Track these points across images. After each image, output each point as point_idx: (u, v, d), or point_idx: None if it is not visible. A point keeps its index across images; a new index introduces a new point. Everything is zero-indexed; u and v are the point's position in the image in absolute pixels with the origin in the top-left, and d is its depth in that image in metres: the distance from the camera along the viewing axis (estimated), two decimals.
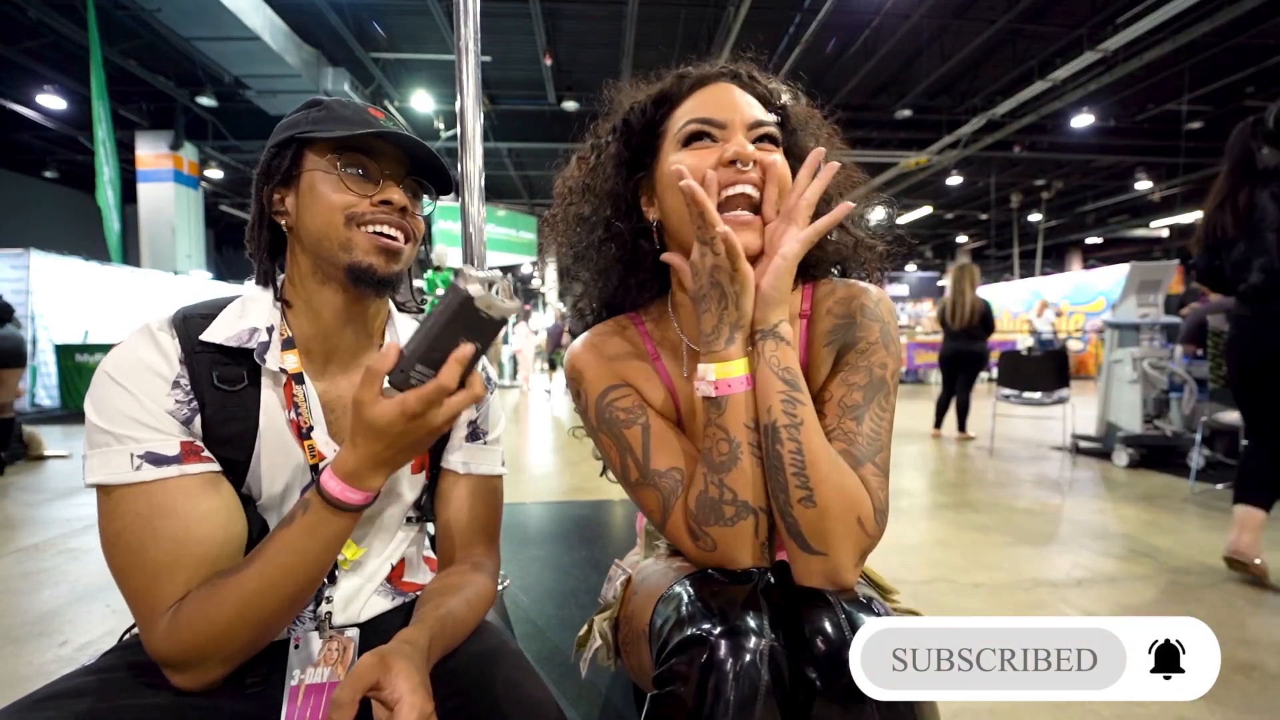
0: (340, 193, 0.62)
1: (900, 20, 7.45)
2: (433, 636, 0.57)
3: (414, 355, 0.52)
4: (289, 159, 0.64)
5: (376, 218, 0.63)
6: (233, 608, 0.53)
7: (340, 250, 0.62)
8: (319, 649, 0.62)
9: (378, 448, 0.53)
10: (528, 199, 15.28)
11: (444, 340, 0.51)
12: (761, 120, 0.64)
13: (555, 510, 2.61)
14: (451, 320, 0.51)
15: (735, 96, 0.65)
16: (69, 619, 1.74)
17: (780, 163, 0.64)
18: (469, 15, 1.45)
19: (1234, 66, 8.64)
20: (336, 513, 0.55)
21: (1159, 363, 3.62)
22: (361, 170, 0.64)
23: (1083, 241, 19.19)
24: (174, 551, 0.54)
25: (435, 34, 7.62)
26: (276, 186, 0.64)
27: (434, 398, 0.51)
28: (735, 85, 0.67)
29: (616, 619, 0.73)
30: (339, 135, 0.61)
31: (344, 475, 0.54)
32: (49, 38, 7.16)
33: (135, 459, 0.54)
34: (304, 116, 0.65)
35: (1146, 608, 1.75)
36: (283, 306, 0.66)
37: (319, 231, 0.62)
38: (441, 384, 0.51)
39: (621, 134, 0.70)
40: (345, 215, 0.62)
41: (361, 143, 0.63)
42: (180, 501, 0.54)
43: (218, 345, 0.60)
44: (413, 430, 0.53)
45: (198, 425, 0.59)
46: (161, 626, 0.53)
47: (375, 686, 0.49)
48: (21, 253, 6.55)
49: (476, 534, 0.74)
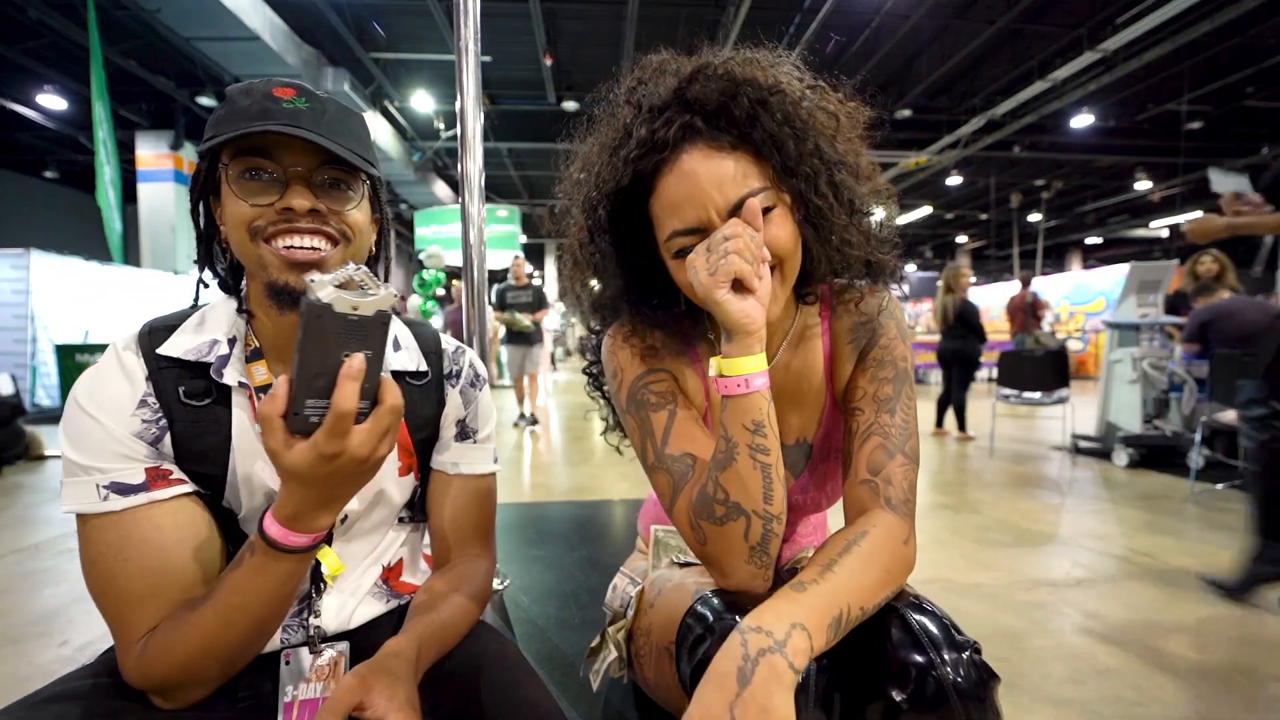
0: (240, 204, 0.55)
1: (900, 20, 7.45)
2: (421, 644, 0.57)
3: (299, 393, 0.45)
4: (205, 169, 0.59)
5: (278, 229, 0.55)
6: (194, 644, 0.52)
7: (257, 269, 0.57)
8: (309, 664, 0.62)
9: (312, 492, 0.49)
10: (528, 199, 15.28)
11: (322, 363, 0.45)
12: (744, 195, 0.56)
13: (556, 510, 2.61)
14: (318, 339, 0.44)
15: (706, 172, 0.57)
16: (69, 619, 1.74)
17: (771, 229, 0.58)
18: (469, 15, 1.45)
19: (1234, 66, 8.63)
20: (282, 555, 0.51)
21: (1159, 363, 3.62)
22: (261, 173, 0.55)
23: (1083, 241, 19.19)
24: (144, 581, 0.53)
25: (435, 34, 7.63)
26: (201, 198, 0.61)
27: (342, 427, 0.45)
28: (702, 147, 0.58)
29: (630, 631, 0.73)
30: (222, 139, 0.54)
31: (284, 520, 0.50)
32: (49, 38, 7.16)
33: (101, 489, 0.53)
34: (214, 116, 0.58)
35: (1146, 608, 1.75)
36: (248, 315, 0.63)
37: (237, 249, 0.58)
38: (340, 411, 0.45)
39: (604, 232, 0.65)
40: (249, 230, 0.55)
41: (256, 141, 0.55)
42: (149, 530, 0.53)
43: (182, 360, 0.58)
44: (342, 468, 0.47)
45: (168, 443, 0.57)
46: (133, 655, 0.53)
47: (359, 707, 0.48)
48: (22, 253, 6.54)
49: (470, 533, 0.73)
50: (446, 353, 0.76)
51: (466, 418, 0.75)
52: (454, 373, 0.75)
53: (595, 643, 0.76)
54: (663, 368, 0.69)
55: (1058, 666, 1.44)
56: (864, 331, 0.69)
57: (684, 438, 0.64)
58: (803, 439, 0.73)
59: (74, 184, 12.38)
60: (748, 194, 0.57)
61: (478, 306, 1.56)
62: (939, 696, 0.47)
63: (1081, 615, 1.71)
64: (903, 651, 0.49)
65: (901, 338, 0.67)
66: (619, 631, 0.73)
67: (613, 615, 0.79)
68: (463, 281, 1.56)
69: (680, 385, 0.69)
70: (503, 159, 12.13)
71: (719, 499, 0.57)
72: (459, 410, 0.74)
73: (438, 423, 0.73)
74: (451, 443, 0.74)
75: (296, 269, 0.56)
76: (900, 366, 0.66)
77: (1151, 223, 15.53)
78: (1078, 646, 1.54)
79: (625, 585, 0.79)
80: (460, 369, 0.76)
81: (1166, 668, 1.43)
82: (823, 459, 0.74)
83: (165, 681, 0.53)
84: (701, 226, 0.58)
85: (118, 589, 0.53)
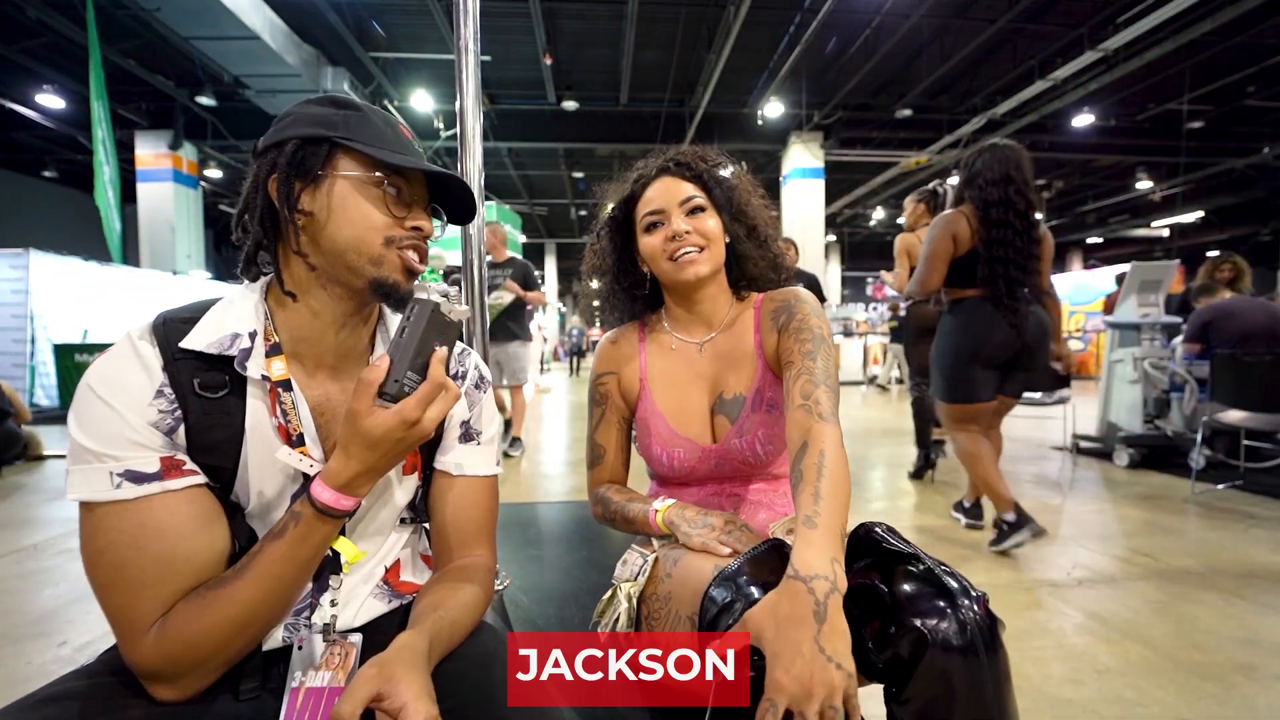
0: (382, 213, 0.63)
1: (900, 20, 7.44)
2: (432, 639, 0.57)
3: (402, 364, 0.56)
4: (321, 159, 0.62)
5: (409, 243, 0.64)
6: (228, 618, 0.53)
7: (370, 264, 0.62)
8: (321, 652, 0.62)
9: (373, 456, 0.56)
10: (528, 199, 15.28)
11: (423, 347, 0.57)
12: (690, 196, 0.92)
13: (556, 510, 2.60)
14: (425, 328, 0.56)
15: (669, 187, 0.92)
16: (69, 619, 1.74)
17: (702, 221, 0.91)
18: (469, 15, 1.45)
19: (1235, 66, 8.63)
20: (326, 520, 0.57)
21: (1160, 362, 3.62)
22: (397, 191, 0.64)
23: (1083, 241, 19.19)
24: (157, 568, 0.53)
25: (435, 33, 7.62)
26: (303, 183, 0.62)
27: (431, 395, 0.56)
28: (669, 177, 0.93)
29: (643, 594, 0.82)
30: (396, 162, 0.62)
31: (338, 485, 0.56)
32: (48, 37, 7.16)
33: (115, 477, 0.53)
34: (337, 117, 0.63)
35: (1146, 608, 1.75)
36: (269, 309, 0.64)
37: (347, 243, 0.62)
38: (436, 381, 0.56)
39: (609, 228, 1.02)
40: (385, 237, 0.63)
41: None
42: (163, 518, 0.54)
43: (198, 352, 0.59)
44: (408, 435, 0.56)
45: (181, 434, 0.57)
46: (148, 641, 0.52)
47: (377, 697, 0.48)
48: (21, 252, 6.54)
49: (472, 535, 0.73)
50: (452, 354, 0.76)
51: (470, 419, 0.75)
52: (459, 374, 0.76)
53: (607, 596, 0.87)
54: (612, 370, 1.01)
55: (1058, 666, 1.44)
56: (781, 309, 0.92)
57: (603, 433, 1.02)
58: (739, 394, 0.93)
59: (73, 184, 12.38)
60: (690, 196, 0.92)
61: (478, 307, 1.55)
62: (961, 633, 0.57)
63: (1081, 615, 1.71)
64: (929, 594, 0.59)
65: (815, 316, 0.89)
66: (634, 587, 0.83)
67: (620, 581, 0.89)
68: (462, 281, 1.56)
69: (620, 383, 1.01)
70: (503, 159, 12.12)
71: (608, 518, 0.96)
72: (463, 412, 0.75)
73: (442, 424, 0.73)
74: (455, 444, 0.74)
75: (408, 275, 0.65)
76: (816, 333, 0.86)
77: (1153, 222, 15.53)
78: (1078, 646, 1.54)
79: (636, 558, 0.88)
80: (465, 371, 0.76)
81: (1166, 668, 1.43)
82: (754, 409, 0.91)
83: (185, 663, 0.53)
84: (663, 210, 0.92)
85: (128, 578, 0.53)
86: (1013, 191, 2.12)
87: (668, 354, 0.99)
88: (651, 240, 0.93)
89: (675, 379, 0.97)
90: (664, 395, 0.96)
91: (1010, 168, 2.14)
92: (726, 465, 0.93)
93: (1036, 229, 2.17)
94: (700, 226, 0.91)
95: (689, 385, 0.96)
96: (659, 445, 0.94)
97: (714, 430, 0.94)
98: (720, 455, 0.92)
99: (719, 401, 0.94)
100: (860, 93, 9.72)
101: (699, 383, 0.96)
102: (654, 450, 0.95)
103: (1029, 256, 2.15)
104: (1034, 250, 2.17)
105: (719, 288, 0.97)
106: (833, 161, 10.46)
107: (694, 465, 0.93)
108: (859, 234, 19.19)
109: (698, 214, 0.92)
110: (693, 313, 0.97)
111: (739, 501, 0.94)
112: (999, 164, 2.15)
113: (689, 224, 0.90)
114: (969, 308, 2.23)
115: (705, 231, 0.91)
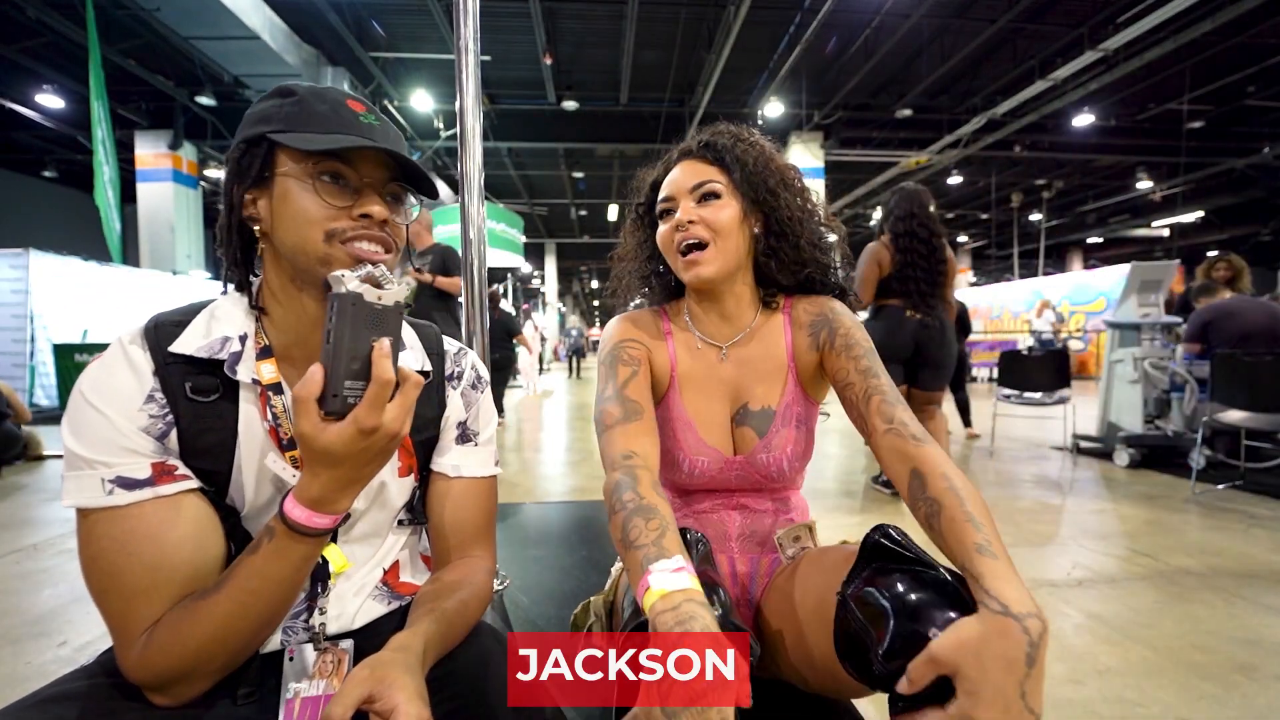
0: (317, 206, 0.57)
1: (900, 20, 7.45)
2: (428, 640, 0.57)
3: (337, 374, 0.49)
4: (260, 160, 0.58)
5: (357, 234, 0.58)
6: (205, 631, 0.52)
7: (318, 265, 0.58)
8: (313, 661, 0.61)
9: (341, 472, 0.52)
10: (527, 199, 15.28)
11: (356, 347, 0.50)
12: (703, 181, 0.85)
13: (556, 511, 2.61)
14: (352, 326, 0.50)
15: (685, 173, 0.87)
16: (69, 619, 1.74)
17: (714, 210, 0.84)
18: (469, 15, 1.45)
19: (1235, 66, 8.64)
20: (302, 538, 0.54)
21: (1160, 362, 3.62)
22: (340, 178, 0.58)
23: (1083, 241, 19.18)
24: (149, 576, 0.53)
25: (435, 33, 7.63)
26: (248, 188, 0.59)
27: (383, 395, 0.51)
28: (689, 160, 0.88)
29: (612, 603, 0.80)
30: (322, 147, 0.56)
31: (309, 502, 0.53)
32: (48, 37, 7.16)
33: (106, 484, 0.53)
34: (275, 110, 0.59)
35: (1147, 609, 1.75)
36: (258, 313, 0.63)
37: (294, 245, 0.58)
38: (382, 380, 0.50)
39: (636, 214, 0.99)
40: (325, 232, 0.57)
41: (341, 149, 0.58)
42: (155, 525, 0.53)
43: (188, 356, 0.58)
44: (374, 443, 0.52)
45: (174, 439, 0.57)
46: (136, 650, 0.52)
47: (369, 699, 0.48)
48: (21, 252, 6.54)
49: (470, 536, 0.73)
50: (449, 354, 0.76)
51: (468, 420, 0.75)
52: (456, 374, 0.75)
53: (578, 610, 0.86)
54: (640, 341, 0.90)
55: (1058, 666, 1.44)
56: (819, 323, 0.86)
57: (639, 390, 0.82)
58: (766, 406, 0.88)
59: (73, 183, 12.38)
60: (703, 181, 0.85)
61: (478, 307, 1.55)
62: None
63: (1082, 615, 1.71)
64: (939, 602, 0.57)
65: (857, 328, 0.84)
66: (601, 599, 0.83)
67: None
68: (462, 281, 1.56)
69: (650, 356, 0.89)
70: (502, 158, 12.12)
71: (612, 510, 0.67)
72: (460, 412, 0.74)
73: (439, 424, 0.73)
74: (452, 445, 0.74)
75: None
76: (866, 346, 0.81)
77: (1153, 222, 15.52)
78: (1078, 646, 1.54)
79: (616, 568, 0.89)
80: (462, 371, 0.76)
81: (1166, 668, 1.43)
82: (783, 424, 0.87)
83: (170, 674, 0.52)
84: (674, 198, 0.86)
85: (121, 585, 0.52)
86: (916, 224, 2.69)
87: (694, 354, 0.91)
88: (663, 230, 0.87)
89: (702, 383, 0.90)
90: (692, 399, 0.90)
91: (914, 206, 2.72)
92: (748, 479, 0.88)
93: (942, 252, 2.72)
94: (709, 216, 0.83)
95: (713, 391, 0.90)
96: (682, 451, 0.88)
97: (735, 441, 0.89)
98: (743, 468, 0.87)
99: (744, 412, 0.88)
100: (860, 93, 9.72)
101: (721, 389, 0.90)
102: (676, 456, 0.88)
103: (936, 274, 2.70)
104: (940, 269, 2.71)
105: (743, 285, 0.89)
106: (833, 161, 10.48)
107: (714, 475, 0.88)
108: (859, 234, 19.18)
109: (709, 201, 0.84)
110: (713, 312, 0.91)
111: (745, 511, 0.91)
112: (905, 203, 2.74)
113: (696, 213, 0.83)
114: (885, 314, 2.80)
115: (713, 222, 0.83)
